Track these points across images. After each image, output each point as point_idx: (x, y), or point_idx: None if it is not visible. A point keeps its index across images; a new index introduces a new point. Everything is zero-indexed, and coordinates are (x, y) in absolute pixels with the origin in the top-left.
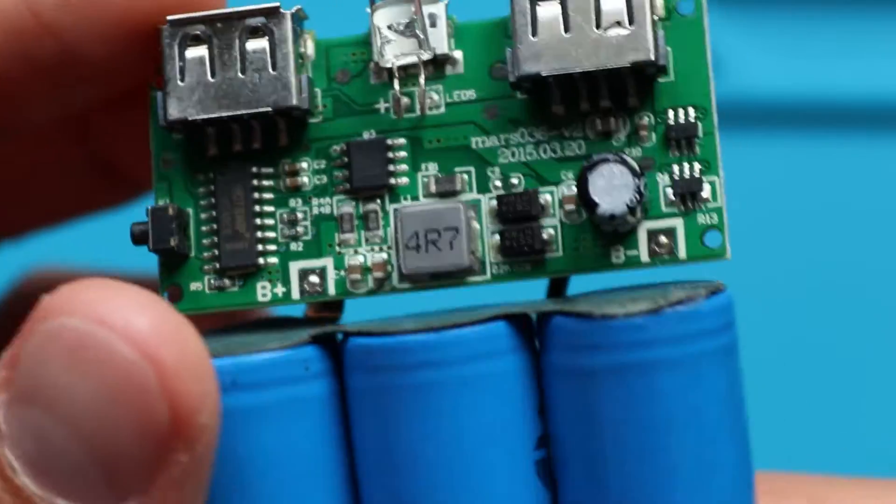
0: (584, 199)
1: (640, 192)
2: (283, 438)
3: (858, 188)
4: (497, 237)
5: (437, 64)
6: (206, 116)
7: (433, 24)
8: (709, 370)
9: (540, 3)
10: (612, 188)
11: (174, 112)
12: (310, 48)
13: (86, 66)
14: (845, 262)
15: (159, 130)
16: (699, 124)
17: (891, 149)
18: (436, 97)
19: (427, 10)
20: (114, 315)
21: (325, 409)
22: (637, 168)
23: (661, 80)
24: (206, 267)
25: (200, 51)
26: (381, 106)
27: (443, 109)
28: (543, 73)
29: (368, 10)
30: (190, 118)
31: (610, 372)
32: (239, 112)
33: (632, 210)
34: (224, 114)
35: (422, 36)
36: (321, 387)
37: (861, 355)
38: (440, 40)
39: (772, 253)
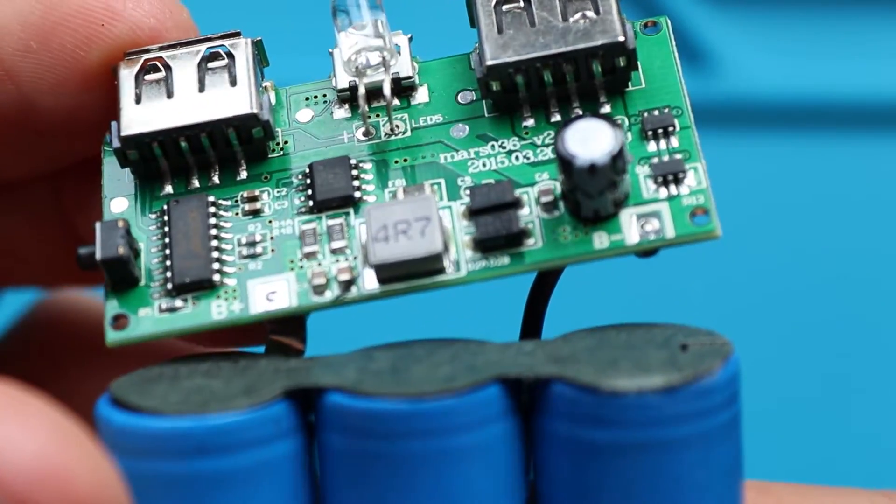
0: (561, 156)
1: (621, 145)
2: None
3: (858, 188)
4: (470, 235)
5: (402, 92)
6: (162, 128)
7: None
8: (717, 445)
9: (504, 7)
10: (589, 139)
11: (128, 130)
12: (271, 96)
13: (46, 118)
14: (845, 263)
15: (111, 176)
16: (675, 119)
17: (891, 149)
18: (401, 125)
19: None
20: None
21: (295, 468)
22: (615, 120)
23: (631, 87)
24: (155, 293)
25: (158, 76)
26: (345, 136)
27: (409, 133)
28: (511, 60)
29: (331, 50)
30: (147, 131)
31: (616, 448)
32: (196, 122)
33: (615, 160)
34: (181, 124)
35: (386, 36)
36: (292, 444)
37: (861, 355)
38: (405, 64)
39: (772, 253)
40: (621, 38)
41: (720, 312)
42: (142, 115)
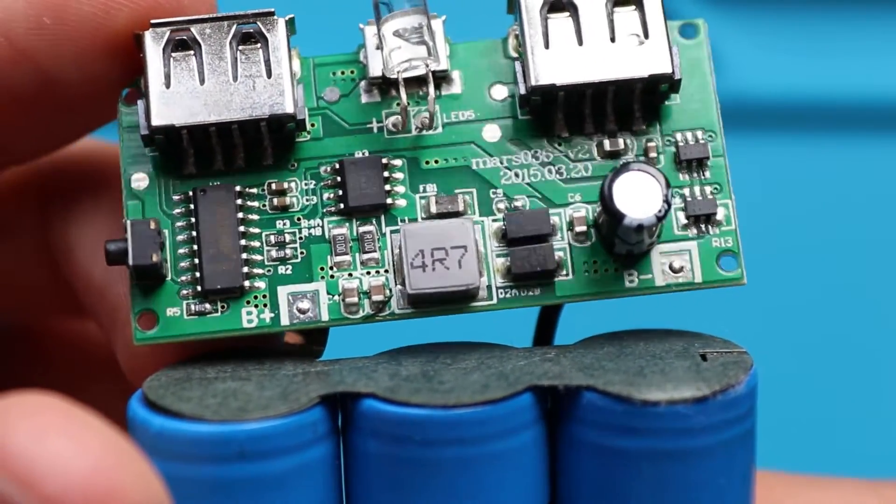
0: (609, 210)
1: (668, 202)
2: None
3: (858, 188)
4: (503, 259)
5: (435, 82)
6: (196, 123)
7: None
8: (737, 453)
9: (551, 16)
10: (638, 197)
11: (158, 119)
12: (295, 65)
13: (66, 91)
14: (845, 263)
15: (129, 148)
16: (709, 146)
17: (891, 149)
18: (433, 116)
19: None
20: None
21: (329, 471)
22: (664, 177)
23: (668, 102)
24: (183, 291)
25: (188, 56)
26: (374, 125)
27: (440, 129)
28: (558, 84)
29: (362, 25)
30: (178, 124)
31: (644, 456)
32: (232, 119)
33: (660, 220)
34: (216, 120)
35: (430, 42)
36: (326, 448)
37: (861, 356)
38: (440, 53)
39: (772, 254)
40: (669, 71)
41: (720, 312)
42: (172, 102)
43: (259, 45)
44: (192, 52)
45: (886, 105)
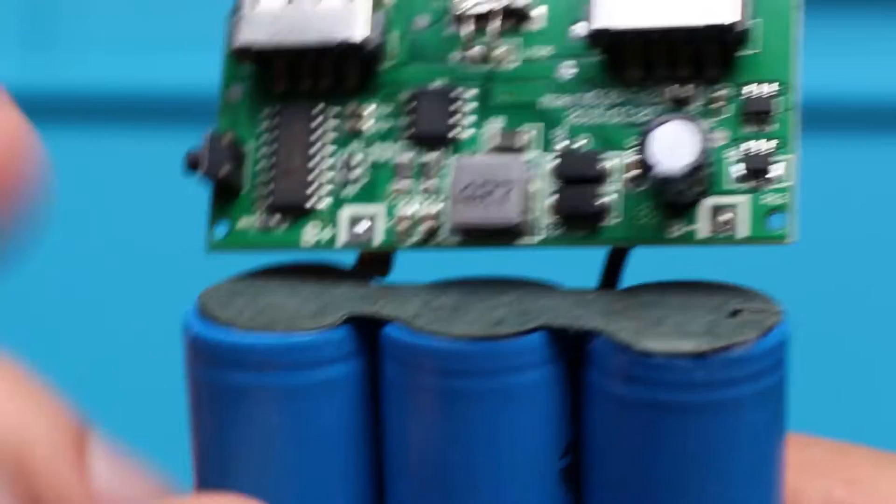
0: (643, 157)
1: (702, 158)
2: (315, 418)
3: (858, 188)
4: (554, 198)
5: (519, 17)
6: (272, 45)
7: None
8: (747, 414)
9: None
10: (674, 148)
11: (243, 38)
12: None
13: None
14: (845, 263)
15: (229, 58)
16: (779, 100)
17: (891, 148)
18: (513, 53)
19: None
20: None
21: (355, 388)
22: (703, 131)
23: (744, 51)
24: (257, 203)
25: None
26: (457, 55)
27: (518, 63)
28: (619, 28)
29: None
30: (255, 47)
31: (644, 406)
32: (305, 43)
33: (690, 175)
34: (290, 43)
35: None
36: (352, 367)
37: (861, 357)
38: None
39: (772, 253)
40: (729, 22)
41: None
42: (258, 21)
43: None
44: None
45: (886, 105)
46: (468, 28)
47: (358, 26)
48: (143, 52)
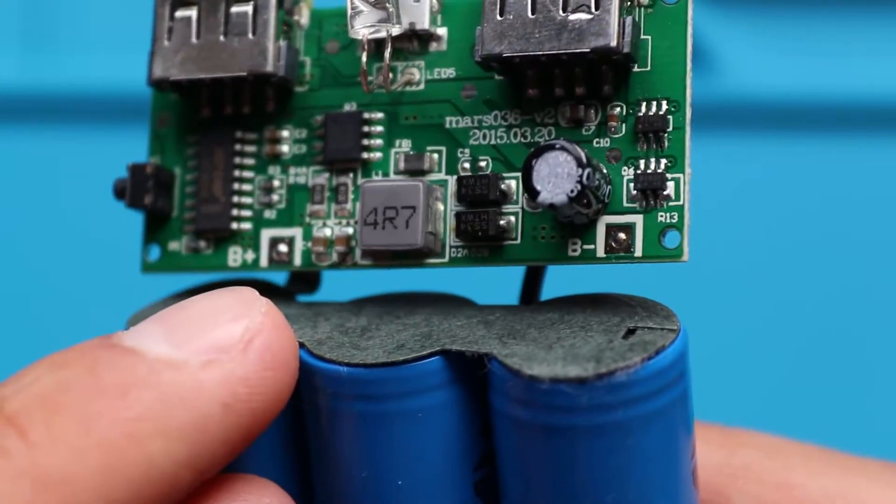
0: (527, 186)
1: (582, 184)
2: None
3: (857, 189)
4: (455, 220)
5: (422, 40)
6: (185, 77)
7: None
8: (638, 434)
9: None
10: (555, 176)
11: (157, 71)
12: (304, 17)
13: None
14: (846, 263)
15: (159, 92)
16: (670, 118)
17: (890, 148)
18: (417, 74)
19: None
20: None
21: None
22: (583, 157)
23: (637, 69)
24: (185, 227)
25: (189, 12)
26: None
27: (422, 86)
28: (505, 54)
29: None
30: (172, 78)
31: (536, 427)
32: (216, 75)
33: (575, 200)
34: (202, 76)
35: (391, 8)
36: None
37: (862, 357)
38: (422, 16)
39: (772, 254)
40: (613, 43)
41: (719, 310)
42: (170, 56)
43: (251, 2)
44: (194, 7)
45: (886, 105)
46: (363, 59)
47: (265, 57)
48: (142, 52)
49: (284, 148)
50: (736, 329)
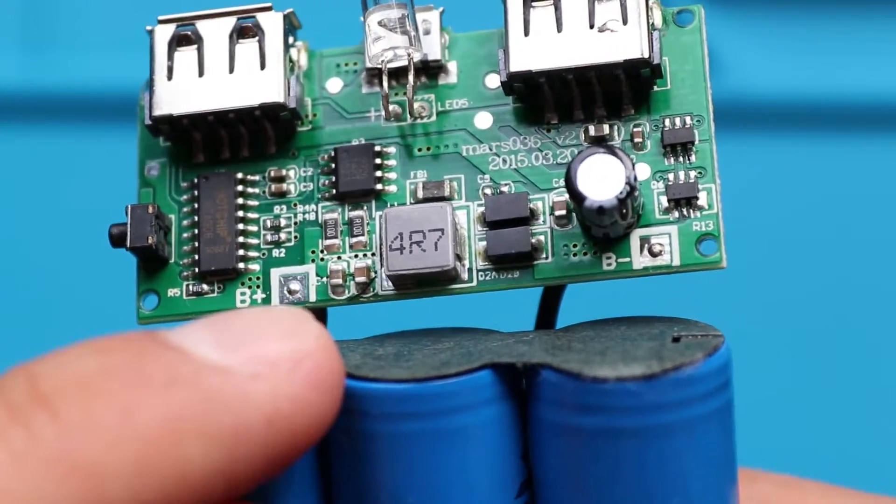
0: (572, 192)
1: (630, 185)
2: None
3: (859, 188)
4: (483, 243)
5: (430, 73)
6: (192, 112)
7: (427, 32)
8: (701, 434)
9: (534, 4)
10: (601, 180)
11: (158, 110)
12: (302, 58)
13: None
14: (846, 263)
15: (145, 136)
16: (695, 131)
17: (891, 149)
18: (427, 106)
19: (421, 17)
20: None
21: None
22: (629, 159)
23: (657, 88)
24: (184, 273)
25: (190, 51)
26: (372, 114)
27: (434, 118)
28: (534, 70)
29: (362, 18)
30: (176, 114)
31: (599, 434)
32: (225, 108)
33: (622, 202)
34: (210, 109)
35: (412, 32)
36: None
37: (863, 357)
38: (433, 47)
39: (771, 254)
40: (645, 55)
41: (722, 311)
42: (172, 93)
43: (256, 38)
44: (194, 46)
45: (886, 105)
46: (385, 84)
47: (275, 89)
48: (142, 52)
49: (289, 186)
50: (736, 329)
